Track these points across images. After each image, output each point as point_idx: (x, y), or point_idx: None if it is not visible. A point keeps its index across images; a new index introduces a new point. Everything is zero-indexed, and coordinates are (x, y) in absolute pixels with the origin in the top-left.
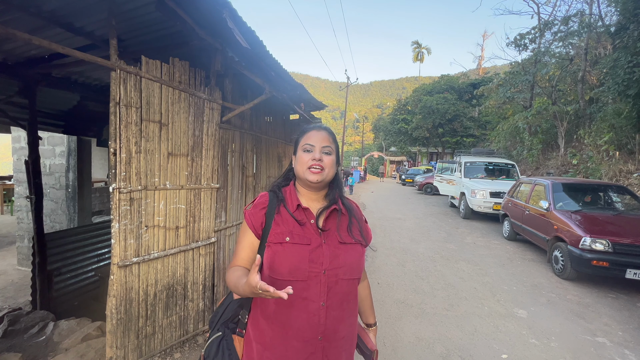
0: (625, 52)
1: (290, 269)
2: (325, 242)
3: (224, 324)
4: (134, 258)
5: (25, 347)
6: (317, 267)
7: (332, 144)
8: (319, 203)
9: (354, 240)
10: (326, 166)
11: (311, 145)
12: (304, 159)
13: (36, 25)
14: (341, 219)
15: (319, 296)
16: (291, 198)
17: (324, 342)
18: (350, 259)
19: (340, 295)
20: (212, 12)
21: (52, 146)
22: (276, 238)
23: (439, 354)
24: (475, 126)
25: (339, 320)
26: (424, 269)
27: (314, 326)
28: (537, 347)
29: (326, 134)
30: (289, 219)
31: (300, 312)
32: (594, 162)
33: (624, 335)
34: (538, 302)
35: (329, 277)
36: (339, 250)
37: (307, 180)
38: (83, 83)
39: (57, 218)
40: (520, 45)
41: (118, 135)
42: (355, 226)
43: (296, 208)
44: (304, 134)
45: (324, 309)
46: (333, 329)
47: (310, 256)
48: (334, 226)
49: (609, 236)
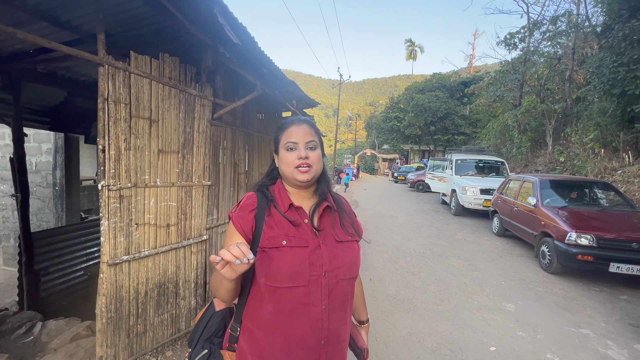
0: (611, 52)
1: (291, 275)
2: (322, 242)
3: (208, 340)
4: (124, 256)
5: (12, 347)
6: (318, 270)
7: (316, 137)
8: (310, 200)
9: (350, 238)
10: (314, 163)
11: (294, 143)
12: (289, 158)
13: (20, 18)
14: (334, 215)
15: (321, 300)
16: (281, 197)
17: (328, 347)
18: (349, 258)
19: (341, 297)
20: (202, 8)
21: (38, 143)
22: (271, 242)
23: (429, 348)
24: (466, 124)
25: (341, 322)
26: (416, 265)
27: (317, 331)
28: (524, 339)
29: (308, 127)
30: (282, 220)
31: (302, 318)
32: (580, 160)
33: (606, 327)
34: (525, 296)
35: (329, 279)
36: (337, 249)
37: (296, 180)
38: (70, 79)
39: (44, 217)
40: (510, 45)
41: (107, 132)
42: (348, 221)
43: (288, 208)
44: (284, 131)
45: (326, 313)
46: (336, 332)
47: (310, 259)
48: (328, 224)
49: (594, 231)
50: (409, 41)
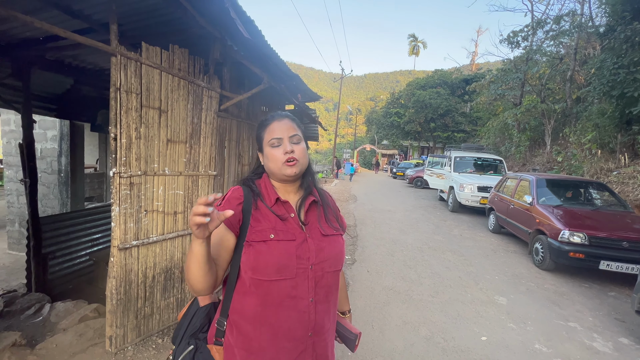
0: (612, 53)
1: (278, 268)
2: (309, 235)
3: (193, 336)
4: (133, 241)
5: (23, 327)
6: (305, 263)
7: (298, 130)
8: (296, 195)
9: (334, 231)
10: (300, 156)
11: (278, 139)
12: (276, 155)
13: (33, 6)
14: (320, 209)
15: (308, 292)
16: (268, 191)
17: (314, 337)
18: (335, 251)
19: (326, 289)
20: (214, 1)
21: (43, 130)
22: (258, 236)
23: (423, 336)
24: (466, 122)
25: (326, 313)
26: (412, 259)
27: (304, 323)
28: (514, 331)
29: (290, 122)
30: (269, 214)
31: (290, 311)
32: (577, 160)
33: (593, 321)
34: (518, 291)
35: (315, 272)
36: (323, 243)
37: (284, 175)
38: (77, 67)
39: (49, 203)
40: (512, 43)
41: (118, 121)
42: (332, 215)
43: (275, 202)
44: (266, 128)
45: (312, 305)
46: (321, 323)
47: (297, 252)
48: (314, 218)
49: (587, 230)
50: (412, 36)
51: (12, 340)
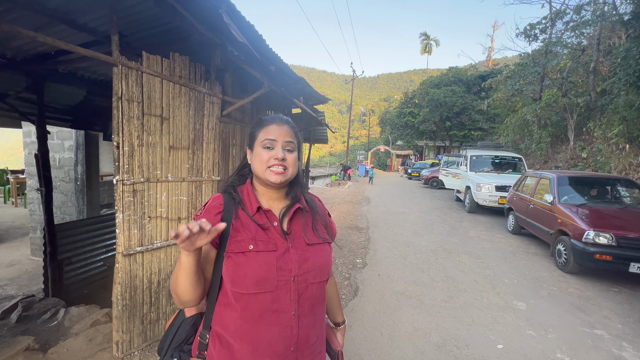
0: (638, 42)
1: (257, 281)
2: (292, 245)
3: (177, 348)
4: (137, 247)
5: (38, 331)
6: (286, 275)
7: (295, 139)
8: (281, 202)
9: (321, 240)
10: (290, 165)
11: (272, 141)
12: (264, 156)
13: (41, 22)
14: (306, 217)
15: (290, 305)
16: (249, 199)
17: (297, 353)
18: (320, 261)
19: (311, 301)
20: (210, 8)
21: (61, 140)
22: (237, 247)
23: (435, 344)
24: (483, 119)
25: (311, 327)
26: (425, 262)
27: (286, 338)
28: (534, 338)
29: (289, 128)
30: (250, 223)
31: (271, 325)
32: (603, 155)
33: (623, 328)
34: (538, 295)
35: (298, 284)
36: (307, 252)
37: (267, 180)
38: (89, 78)
39: (67, 210)
40: (530, 36)
41: (121, 129)
42: (320, 223)
43: (256, 210)
44: (263, 127)
45: (295, 319)
46: (305, 337)
47: (277, 263)
48: (299, 227)
49: (613, 230)
50: (424, 35)
51: (25, 344)
